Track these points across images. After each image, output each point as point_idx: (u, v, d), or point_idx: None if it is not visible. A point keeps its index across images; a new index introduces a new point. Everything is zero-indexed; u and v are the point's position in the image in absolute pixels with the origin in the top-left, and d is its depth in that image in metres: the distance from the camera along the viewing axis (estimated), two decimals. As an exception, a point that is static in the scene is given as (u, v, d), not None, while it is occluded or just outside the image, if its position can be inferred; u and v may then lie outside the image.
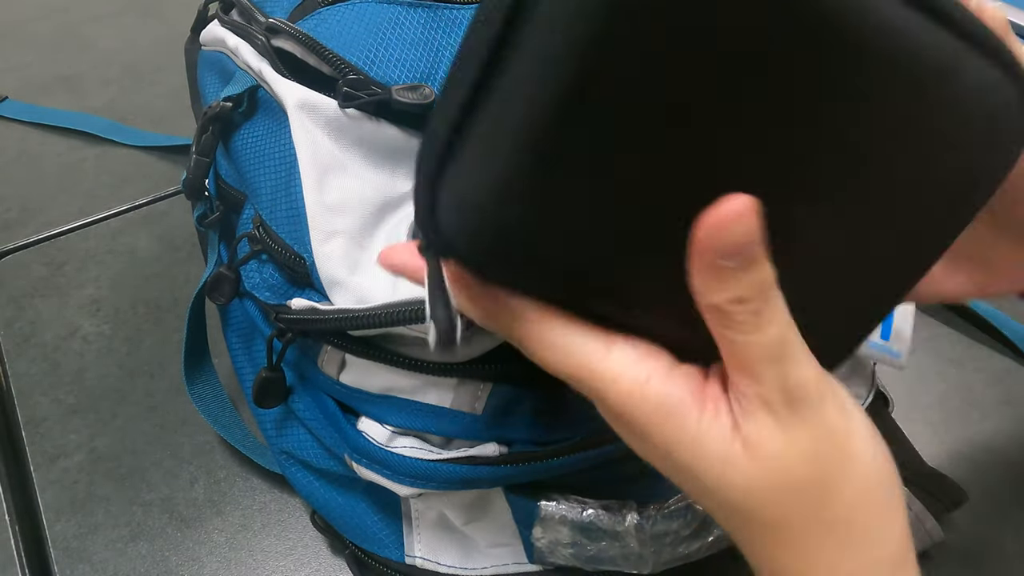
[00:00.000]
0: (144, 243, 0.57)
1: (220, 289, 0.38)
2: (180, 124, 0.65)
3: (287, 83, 0.35)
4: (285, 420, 0.40)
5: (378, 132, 0.33)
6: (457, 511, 0.37)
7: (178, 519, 0.44)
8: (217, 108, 0.38)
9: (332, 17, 0.37)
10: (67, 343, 0.51)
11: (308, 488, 0.40)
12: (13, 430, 0.48)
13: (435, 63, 0.35)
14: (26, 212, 0.60)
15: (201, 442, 0.47)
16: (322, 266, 0.32)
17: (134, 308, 0.53)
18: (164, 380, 0.49)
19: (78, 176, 0.62)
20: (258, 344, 0.41)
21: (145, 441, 0.47)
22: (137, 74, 0.72)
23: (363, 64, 0.34)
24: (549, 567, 0.38)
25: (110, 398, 0.49)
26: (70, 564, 0.42)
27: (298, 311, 0.34)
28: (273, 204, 0.35)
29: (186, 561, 0.42)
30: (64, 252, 0.57)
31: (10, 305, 0.54)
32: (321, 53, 0.34)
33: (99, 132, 0.65)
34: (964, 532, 0.43)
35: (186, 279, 0.55)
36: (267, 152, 0.36)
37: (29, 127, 0.67)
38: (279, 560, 0.42)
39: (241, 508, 0.44)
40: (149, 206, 0.60)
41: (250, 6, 0.42)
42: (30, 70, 0.72)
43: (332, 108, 0.33)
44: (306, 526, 0.43)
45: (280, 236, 0.34)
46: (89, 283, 0.55)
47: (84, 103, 0.69)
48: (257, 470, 0.45)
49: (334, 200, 0.33)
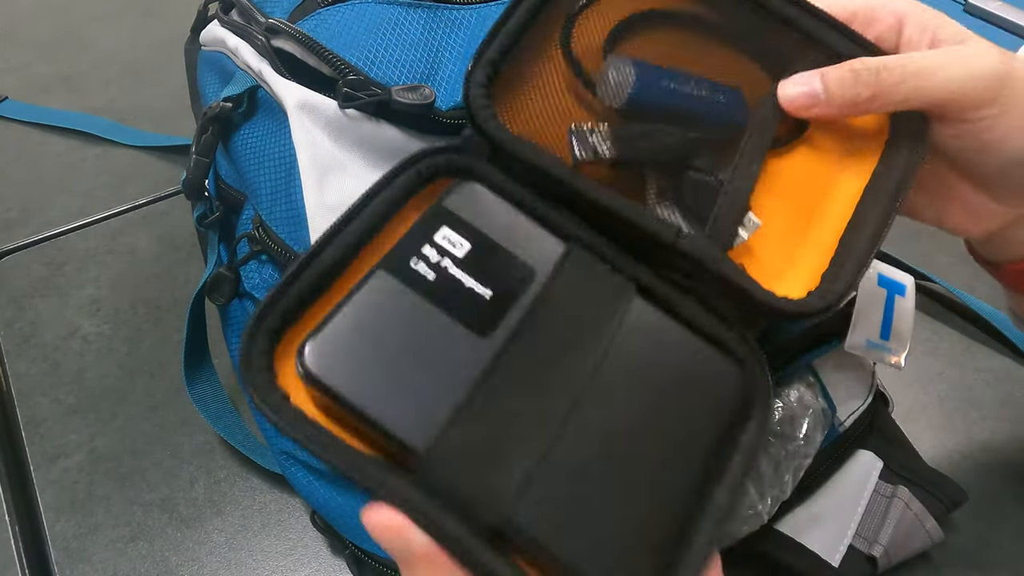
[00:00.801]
0: (144, 243, 0.57)
1: (220, 289, 0.39)
2: (180, 124, 0.65)
3: (287, 83, 0.35)
4: (285, 420, 0.40)
5: (378, 133, 0.33)
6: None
7: (178, 519, 0.44)
8: (217, 108, 0.38)
9: (332, 17, 0.37)
10: (67, 343, 0.51)
11: (308, 488, 0.40)
12: (13, 430, 0.48)
13: (435, 64, 0.35)
14: (26, 212, 0.60)
15: (201, 442, 0.47)
16: (322, 267, 0.32)
17: (134, 308, 0.53)
18: (164, 380, 0.49)
19: (78, 176, 0.62)
20: (258, 344, 0.41)
21: (145, 441, 0.47)
22: (137, 74, 0.72)
23: (363, 65, 0.34)
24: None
25: (110, 398, 0.49)
26: (70, 564, 0.42)
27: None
28: (273, 204, 0.35)
29: (186, 561, 0.42)
30: (64, 252, 0.57)
31: (10, 305, 0.54)
32: (321, 53, 0.34)
33: (99, 132, 0.65)
34: (964, 532, 0.43)
35: (186, 279, 0.55)
36: (267, 152, 0.36)
37: (29, 127, 0.67)
38: (279, 560, 0.42)
39: (241, 508, 0.44)
40: (149, 206, 0.60)
41: (250, 6, 0.42)
42: (30, 70, 0.72)
43: (332, 109, 0.33)
44: (306, 526, 0.43)
45: (280, 236, 0.35)
46: (89, 283, 0.55)
47: (84, 103, 0.69)
48: (257, 470, 0.45)
49: (334, 201, 0.33)
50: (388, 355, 0.22)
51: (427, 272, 0.24)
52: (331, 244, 0.24)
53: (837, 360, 0.41)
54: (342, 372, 0.22)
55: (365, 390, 0.22)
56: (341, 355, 0.22)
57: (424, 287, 0.23)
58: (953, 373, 0.50)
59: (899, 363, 0.39)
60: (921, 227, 0.31)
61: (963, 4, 0.69)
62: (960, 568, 0.42)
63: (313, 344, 0.22)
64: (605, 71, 0.28)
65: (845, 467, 0.41)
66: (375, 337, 0.23)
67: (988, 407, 0.48)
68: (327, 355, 0.22)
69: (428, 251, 0.24)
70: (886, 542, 0.38)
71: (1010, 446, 0.46)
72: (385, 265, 0.24)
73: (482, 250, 0.25)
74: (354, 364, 0.22)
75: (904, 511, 0.39)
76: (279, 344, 0.23)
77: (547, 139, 0.28)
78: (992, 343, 0.51)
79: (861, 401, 0.42)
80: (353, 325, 0.23)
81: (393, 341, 0.23)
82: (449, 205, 0.25)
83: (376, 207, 0.25)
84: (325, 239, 0.24)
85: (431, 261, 0.24)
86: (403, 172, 0.25)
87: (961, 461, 0.45)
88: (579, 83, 0.29)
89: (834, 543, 0.39)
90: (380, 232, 0.25)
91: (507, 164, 0.26)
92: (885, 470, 0.41)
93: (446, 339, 0.23)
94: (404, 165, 0.25)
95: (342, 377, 0.22)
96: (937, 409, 0.48)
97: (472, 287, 0.24)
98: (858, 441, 0.41)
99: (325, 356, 0.22)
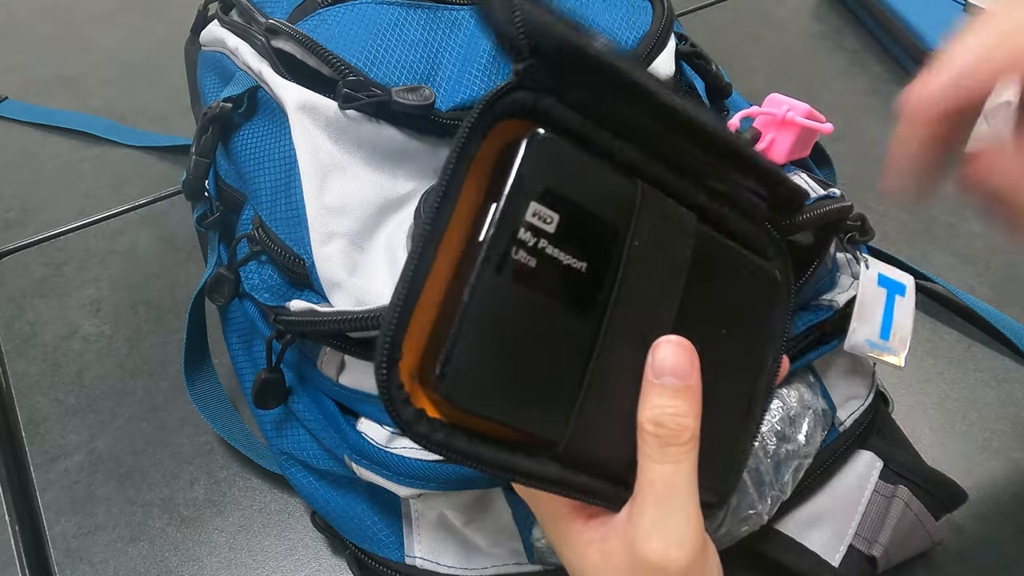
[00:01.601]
0: (144, 243, 0.57)
1: (220, 290, 0.38)
2: (180, 124, 0.65)
3: (287, 84, 0.35)
4: (285, 421, 0.40)
5: (378, 133, 0.33)
6: (457, 511, 0.37)
7: (178, 519, 0.44)
8: (217, 109, 0.38)
9: (332, 18, 0.37)
10: (67, 343, 0.51)
11: (308, 489, 0.40)
12: (13, 430, 0.48)
13: (435, 64, 0.35)
14: (26, 212, 0.60)
15: (201, 442, 0.47)
16: (322, 268, 0.32)
17: (134, 308, 0.53)
18: (164, 380, 0.49)
19: (78, 176, 0.62)
20: (258, 344, 0.41)
21: (145, 441, 0.47)
22: (137, 74, 0.72)
23: (363, 65, 0.34)
24: (550, 567, 0.38)
25: (110, 398, 0.49)
26: (70, 564, 0.42)
27: (297, 313, 0.34)
28: (273, 205, 0.35)
29: (186, 561, 0.42)
30: (64, 252, 0.57)
31: (10, 305, 0.54)
32: (321, 54, 0.34)
33: (99, 132, 0.65)
34: (964, 532, 0.43)
35: (186, 279, 0.55)
36: (267, 153, 0.36)
37: (29, 127, 0.67)
38: (279, 560, 0.42)
39: (241, 508, 0.44)
40: (149, 206, 0.60)
41: (250, 6, 0.41)
42: (30, 70, 0.72)
43: (332, 109, 0.33)
44: (306, 526, 0.43)
45: (279, 237, 0.34)
46: (89, 283, 0.55)
47: (84, 103, 0.69)
48: (257, 470, 0.45)
49: (334, 201, 0.33)
50: (515, 360, 0.23)
51: (528, 260, 0.23)
52: (424, 254, 0.22)
53: (837, 360, 0.41)
54: (481, 391, 0.22)
55: (504, 401, 0.23)
56: (475, 375, 0.22)
57: (529, 276, 0.23)
58: (953, 373, 0.50)
59: (899, 363, 0.39)
60: (921, 227, 0.31)
61: (963, 4, 0.69)
62: (960, 568, 0.42)
63: (450, 374, 0.22)
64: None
65: (845, 467, 0.41)
66: (501, 347, 0.22)
67: (988, 407, 0.48)
68: (463, 378, 0.22)
69: (524, 235, 0.23)
70: (886, 542, 0.38)
71: (1010, 446, 0.46)
72: (489, 262, 0.22)
73: (571, 219, 0.23)
74: (488, 378, 0.22)
75: (904, 511, 0.39)
76: (401, 361, 0.22)
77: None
78: (992, 343, 0.51)
79: (861, 401, 0.42)
80: (479, 341, 0.22)
81: (516, 344, 0.23)
82: (530, 172, 0.23)
83: (454, 188, 0.23)
84: (419, 252, 0.22)
85: (529, 246, 0.23)
86: (472, 137, 0.23)
87: (961, 461, 0.45)
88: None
89: (834, 543, 0.39)
90: (459, 197, 0.23)
91: (570, 85, 0.24)
92: (885, 470, 0.41)
93: (558, 326, 0.23)
94: (473, 125, 0.23)
95: (482, 396, 0.22)
96: (937, 409, 0.48)
97: (569, 263, 0.23)
98: (858, 441, 0.41)
99: (462, 379, 0.22)
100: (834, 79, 0.69)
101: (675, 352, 0.25)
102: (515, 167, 0.23)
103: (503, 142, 0.23)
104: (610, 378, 0.24)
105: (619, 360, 0.25)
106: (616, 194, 0.24)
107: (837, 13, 0.76)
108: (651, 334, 0.25)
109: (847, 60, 0.71)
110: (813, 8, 0.77)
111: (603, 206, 0.24)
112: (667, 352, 0.25)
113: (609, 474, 0.25)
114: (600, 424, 0.24)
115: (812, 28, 0.75)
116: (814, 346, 0.39)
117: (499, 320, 0.22)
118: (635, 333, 0.25)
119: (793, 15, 0.76)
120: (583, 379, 0.24)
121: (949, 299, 0.52)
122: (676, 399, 0.25)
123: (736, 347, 0.28)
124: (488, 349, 0.22)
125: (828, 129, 0.40)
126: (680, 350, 0.25)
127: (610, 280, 0.24)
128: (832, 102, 0.67)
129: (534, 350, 0.23)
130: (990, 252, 0.54)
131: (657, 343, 0.25)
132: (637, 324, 0.25)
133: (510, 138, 0.23)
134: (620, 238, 0.24)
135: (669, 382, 0.25)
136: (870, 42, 0.73)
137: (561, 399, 0.24)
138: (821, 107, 0.39)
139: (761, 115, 0.40)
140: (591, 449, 0.24)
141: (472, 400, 0.22)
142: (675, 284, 0.26)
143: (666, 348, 0.25)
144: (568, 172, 0.23)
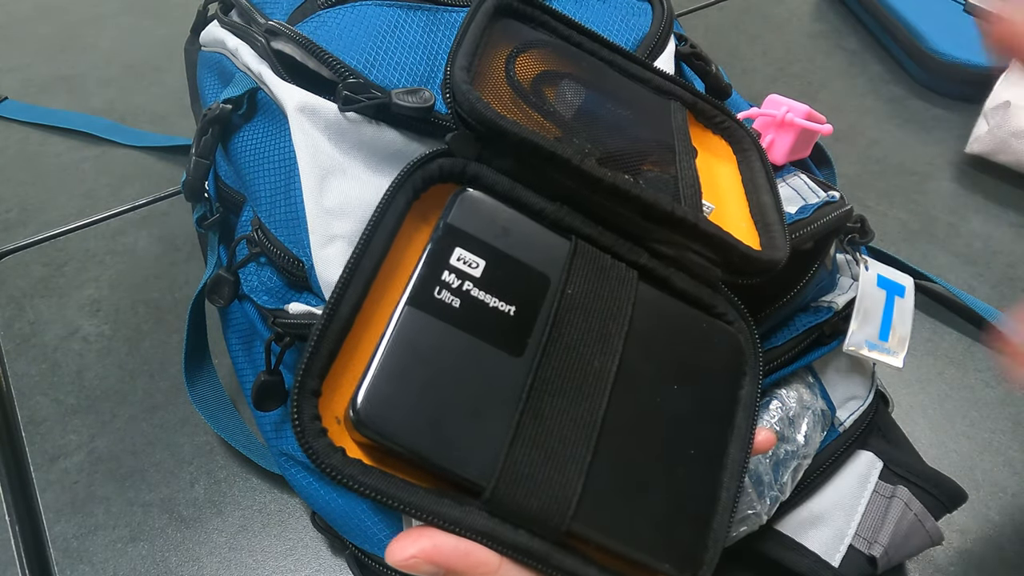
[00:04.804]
0: (144, 243, 0.57)
1: (219, 291, 0.38)
2: (180, 124, 0.65)
3: (287, 86, 0.35)
4: (284, 422, 0.40)
5: (378, 136, 0.33)
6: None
7: (178, 519, 0.44)
8: (217, 110, 0.38)
9: (332, 20, 0.37)
10: (67, 343, 0.52)
11: (308, 489, 0.40)
12: (13, 430, 0.48)
13: (435, 66, 0.35)
14: (26, 212, 0.60)
15: (201, 442, 0.47)
16: (321, 270, 0.32)
17: (134, 308, 0.53)
18: (164, 380, 0.49)
19: (78, 176, 0.62)
20: (258, 345, 0.41)
21: (145, 441, 0.47)
22: (137, 74, 0.72)
23: (363, 67, 0.34)
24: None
25: (110, 398, 0.49)
26: (70, 564, 0.42)
27: (296, 316, 0.34)
28: (272, 207, 0.35)
29: (186, 561, 0.42)
30: (64, 252, 0.57)
31: (10, 305, 0.54)
32: (321, 56, 0.34)
33: (99, 132, 0.65)
34: (964, 532, 0.43)
35: (186, 279, 0.55)
36: (266, 155, 0.36)
37: (29, 127, 0.67)
38: (279, 560, 0.42)
39: (241, 508, 0.44)
40: (149, 206, 0.60)
41: (250, 7, 0.41)
42: (30, 70, 0.72)
43: (332, 111, 0.33)
44: (306, 526, 0.43)
45: (279, 239, 0.34)
46: (89, 283, 0.55)
47: (84, 103, 0.69)
48: (257, 471, 0.45)
49: (334, 204, 0.33)
50: (434, 394, 0.23)
51: (452, 300, 0.24)
52: (349, 286, 0.23)
53: (837, 360, 0.42)
54: (398, 422, 0.22)
55: (422, 435, 0.22)
56: (391, 404, 0.22)
57: (453, 316, 0.24)
58: (953, 373, 0.50)
59: (898, 363, 0.39)
60: (921, 227, 0.31)
61: (963, 4, 0.69)
62: (960, 568, 0.42)
63: (363, 402, 0.22)
64: (560, 89, 0.30)
65: (845, 467, 0.41)
66: (418, 378, 0.23)
67: (988, 407, 0.48)
68: (378, 407, 0.22)
69: (448, 277, 0.24)
70: (886, 542, 0.38)
71: (1010, 446, 0.46)
72: (411, 301, 0.23)
73: (497, 265, 0.25)
74: (406, 411, 0.22)
75: (904, 511, 0.39)
76: (320, 398, 0.23)
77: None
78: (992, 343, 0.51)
79: (861, 401, 0.42)
80: (395, 371, 0.22)
81: (436, 378, 0.23)
82: (456, 223, 0.25)
83: (381, 233, 0.24)
84: (343, 284, 0.23)
85: (453, 287, 0.24)
86: (400, 191, 0.25)
87: (961, 461, 0.46)
88: (523, 103, 0.29)
89: (834, 543, 0.39)
90: (389, 253, 0.25)
91: (496, 155, 0.26)
92: (885, 470, 0.41)
93: (484, 366, 0.23)
94: (400, 181, 0.25)
95: (399, 427, 0.22)
96: (937, 409, 0.48)
97: (496, 306, 0.24)
98: (858, 441, 0.41)
99: (376, 408, 0.22)
100: (834, 79, 0.69)
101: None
102: (443, 218, 0.25)
103: (440, 204, 0.25)
104: (545, 426, 0.23)
105: (555, 408, 0.24)
106: (546, 245, 0.26)
107: (837, 13, 0.76)
108: (588, 383, 0.24)
109: (847, 60, 0.71)
110: (813, 8, 0.77)
111: (531, 255, 0.25)
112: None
113: (549, 532, 0.23)
114: (534, 474, 0.23)
115: (812, 28, 0.75)
116: (813, 347, 0.39)
117: (419, 354, 0.23)
118: (572, 380, 0.24)
119: (793, 15, 0.77)
120: (512, 422, 0.23)
121: (949, 299, 0.52)
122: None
123: (692, 405, 0.26)
124: (406, 382, 0.22)
125: (827, 130, 0.40)
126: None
127: (541, 325, 0.25)
128: (832, 102, 0.67)
129: (457, 387, 0.23)
130: (990, 252, 0.55)
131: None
132: (572, 371, 0.24)
133: (446, 199, 0.25)
134: (552, 287, 0.25)
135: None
136: (870, 42, 0.73)
137: (486, 441, 0.23)
138: (821, 107, 0.39)
139: (760, 116, 0.40)
140: (523, 500, 0.23)
141: (383, 428, 0.22)
142: (614, 335, 0.25)
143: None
144: (494, 224, 0.25)
